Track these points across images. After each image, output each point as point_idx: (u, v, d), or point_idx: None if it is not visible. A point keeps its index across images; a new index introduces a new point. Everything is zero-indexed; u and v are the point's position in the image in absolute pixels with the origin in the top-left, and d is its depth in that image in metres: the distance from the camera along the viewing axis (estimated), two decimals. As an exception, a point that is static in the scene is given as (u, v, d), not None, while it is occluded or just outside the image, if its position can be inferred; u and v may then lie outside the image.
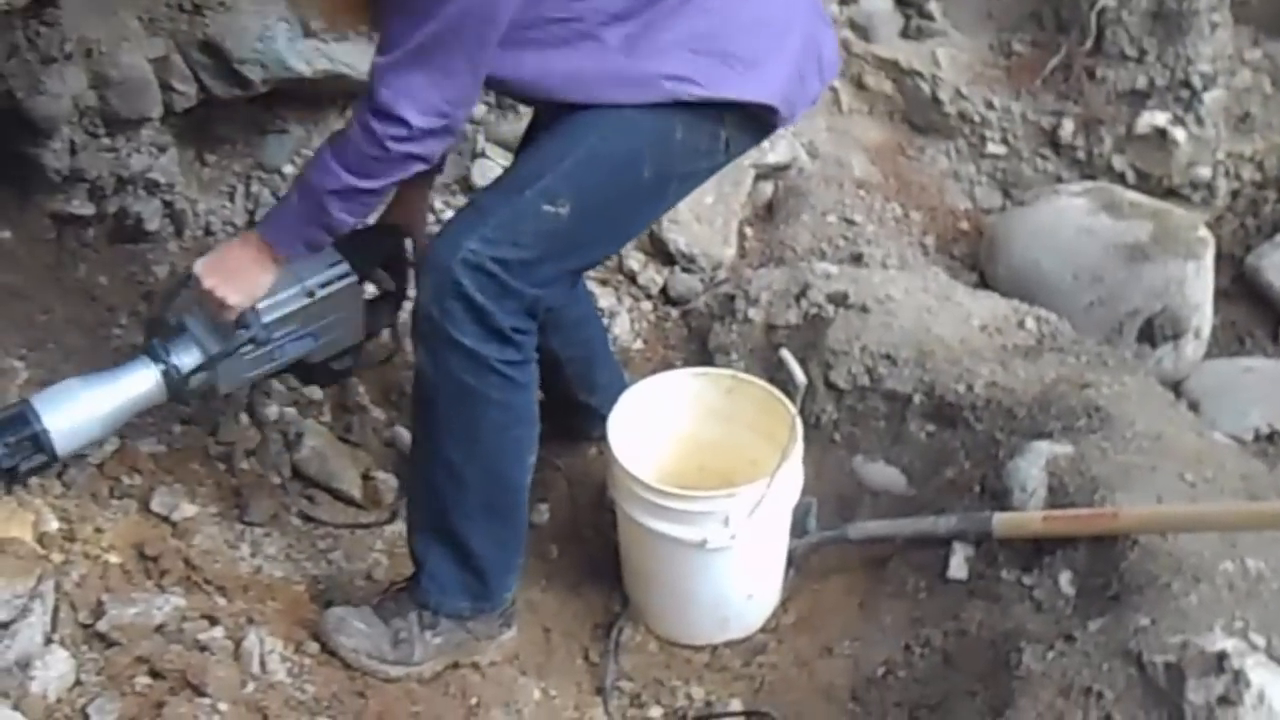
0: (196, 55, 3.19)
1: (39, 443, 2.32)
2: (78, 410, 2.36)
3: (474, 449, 2.44)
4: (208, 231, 3.37)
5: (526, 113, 3.00)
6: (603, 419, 2.89)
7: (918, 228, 4.14)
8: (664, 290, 3.67)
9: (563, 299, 2.54)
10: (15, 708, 1.99)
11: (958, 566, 2.79)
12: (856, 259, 3.82)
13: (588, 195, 2.34)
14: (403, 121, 2.18)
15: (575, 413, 3.08)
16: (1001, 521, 2.74)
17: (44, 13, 2.86)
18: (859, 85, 4.46)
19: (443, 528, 2.50)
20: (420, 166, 2.28)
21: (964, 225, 4.23)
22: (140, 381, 2.44)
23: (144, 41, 3.11)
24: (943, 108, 4.38)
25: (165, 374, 2.44)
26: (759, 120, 2.47)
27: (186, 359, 2.46)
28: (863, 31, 4.49)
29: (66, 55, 2.94)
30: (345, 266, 2.57)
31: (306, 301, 2.52)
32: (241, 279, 2.39)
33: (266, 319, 2.46)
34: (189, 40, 3.17)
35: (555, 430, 3.09)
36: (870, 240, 3.92)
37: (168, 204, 3.32)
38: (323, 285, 2.54)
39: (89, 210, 3.16)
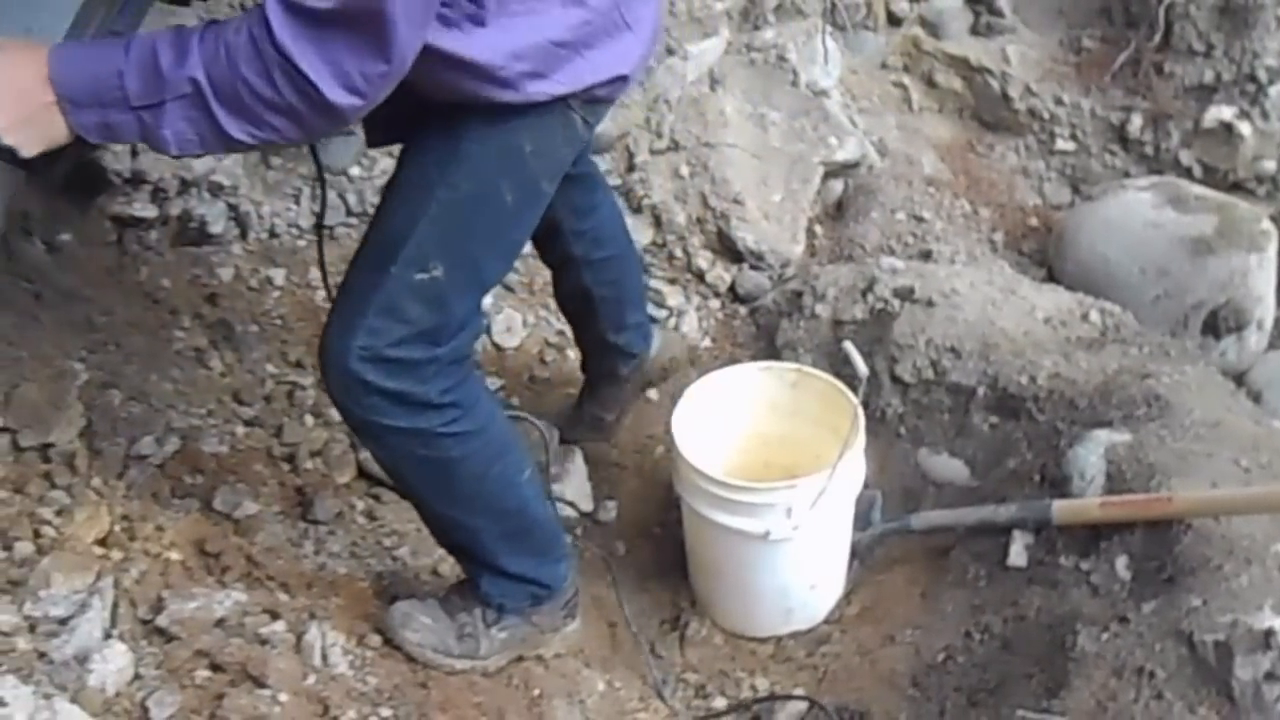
0: None
1: None
2: None
3: (465, 504, 2.38)
4: (272, 234, 3.39)
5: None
6: (631, 357, 2.93)
7: (987, 224, 4.17)
8: (732, 288, 3.71)
9: (479, 333, 2.42)
10: (73, 701, 1.98)
11: (1017, 554, 2.82)
12: (925, 256, 3.85)
13: (457, 248, 2.18)
14: (310, 86, 1.78)
15: (606, 352, 3.08)
16: (1060, 508, 2.77)
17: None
18: (929, 83, 4.52)
19: (475, 559, 2.50)
20: (298, 134, 1.87)
21: (1033, 221, 4.25)
22: None
23: None
24: (1012, 104, 4.42)
25: None
26: (609, 93, 2.26)
27: None
28: (933, 29, 4.55)
29: None
30: None
31: None
32: (30, 121, 1.80)
33: None
34: None
35: (588, 370, 3.19)
36: (939, 237, 3.94)
37: (232, 206, 3.31)
38: None
39: (151, 213, 3.15)
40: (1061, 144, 4.38)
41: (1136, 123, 4.30)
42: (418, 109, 2.11)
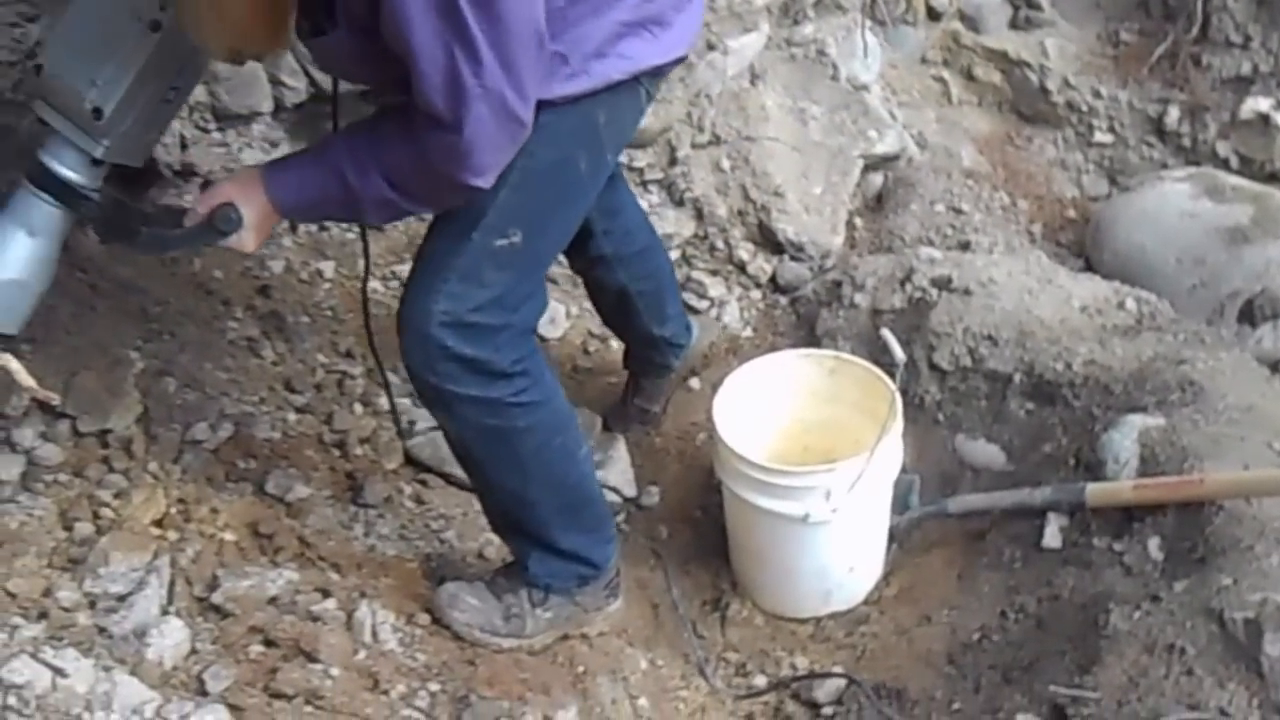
0: (305, 50, 3.24)
1: None
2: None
3: (525, 474, 2.43)
4: (321, 227, 3.45)
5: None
6: (676, 348, 2.95)
7: (1025, 216, 4.17)
8: (773, 279, 3.74)
9: (544, 307, 2.48)
10: (132, 673, 2.03)
11: (1052, 536, 2.84)
12: (964, 247, 3.86)
13: (534, 215, 2.27)
14: (476, 169, 2.07)
15: (650, 345, 3.13)
16: (1094, 491, 2.79)
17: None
18: (968, 76, 4.51)
19: (528, 535, 2.54)
20: (463, 201, 2.18)
21: (1070, 213, 4.25)
22: (33, 212, 2.13)
23: None
24: (1050, 97, 4.41)
25: (59, 194, 2.11)
26: (669, 69, 2.40)
27: (69, 167, 2.12)
28: (971, 23, 4.53)
29: None
30: None
31: (155, 39, 2.06)
32: (265, 226, 2.22)
33: (121, 90, 2.06)
34: (300, 33, 3.20)
35: (633, 366, 3.24)
36: (977, 229, 3.95)
37: (282, 200, 3.39)
38: (164, 5, 2.08)
39: None
40: (1099, 136, 4.37)
41: (1174, 114, 4.28)
42: None
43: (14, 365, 1.60)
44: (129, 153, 2.18)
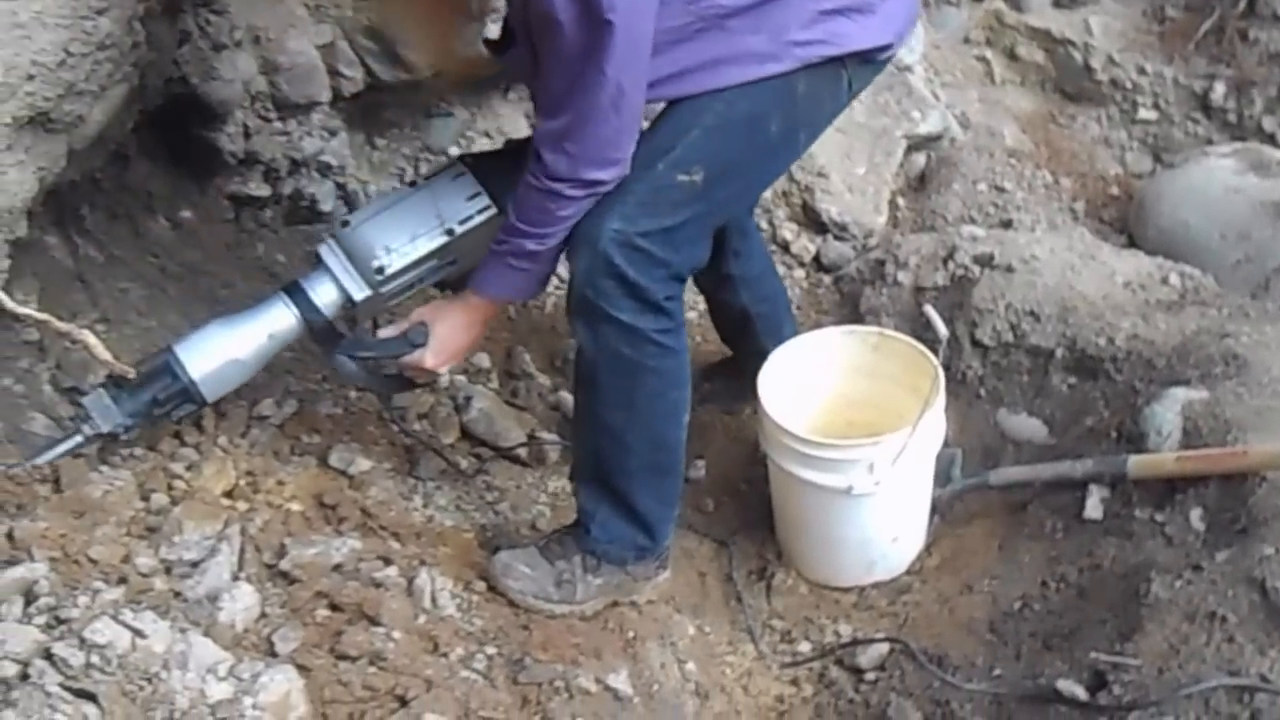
0: (362, 40, 3.28)
1: (188, 395, 2.43)
2: (221, 356, 2.43)
3: (634, 415, 2.52)
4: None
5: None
6: None
7: (1068, 194, 4.19)
8: (817, 258, 3.78)
9: (705, 259, 2.57)
10: (205, 635, 2.09)
11: (1094, 507, 2.88)
12: (1006, 225, 3.89)
13: (719, 160, 2.37)
14: (592, 183, 2.28)
15: (751, 368, 3.12)
16: (1136, 463, 2.83)
17: (213, 1, 2.99)
18: (1011, 56, 4.53)
19: (609, 486, 2.61)
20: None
21: (1114, 190, 4.26)
22: (280, 321, 2.50)
23: (310, 28, 3.22)
24: (1094, 75, 4.42)
25: (304, 317, 2.51)
26: (875, 57, 2.50)
27: (325, 299, 2.53)
28: (1014, 2, 4.56)
29: (236, 42, 3.05)
30: (485, 199, 2.55)
31: (446, 240, 2.53)
32: (459, 354, 2.58)
33: (406, 261, 2.51)
34: (354, 26, 3.27)
35: (731, 395, 3.30)
36: (1020, 207, 4.00)
37: (340, 185, 3.45)
38: (462, 222, 2.54)
39: (265, 191, 3.30)
40: (1144, 113, 4.38)
41: (1220, 90, 4.28)
42: None
43: (91, 340, 1.68)
44: (375, 310, 2.65)
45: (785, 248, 3.77)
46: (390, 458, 2.88)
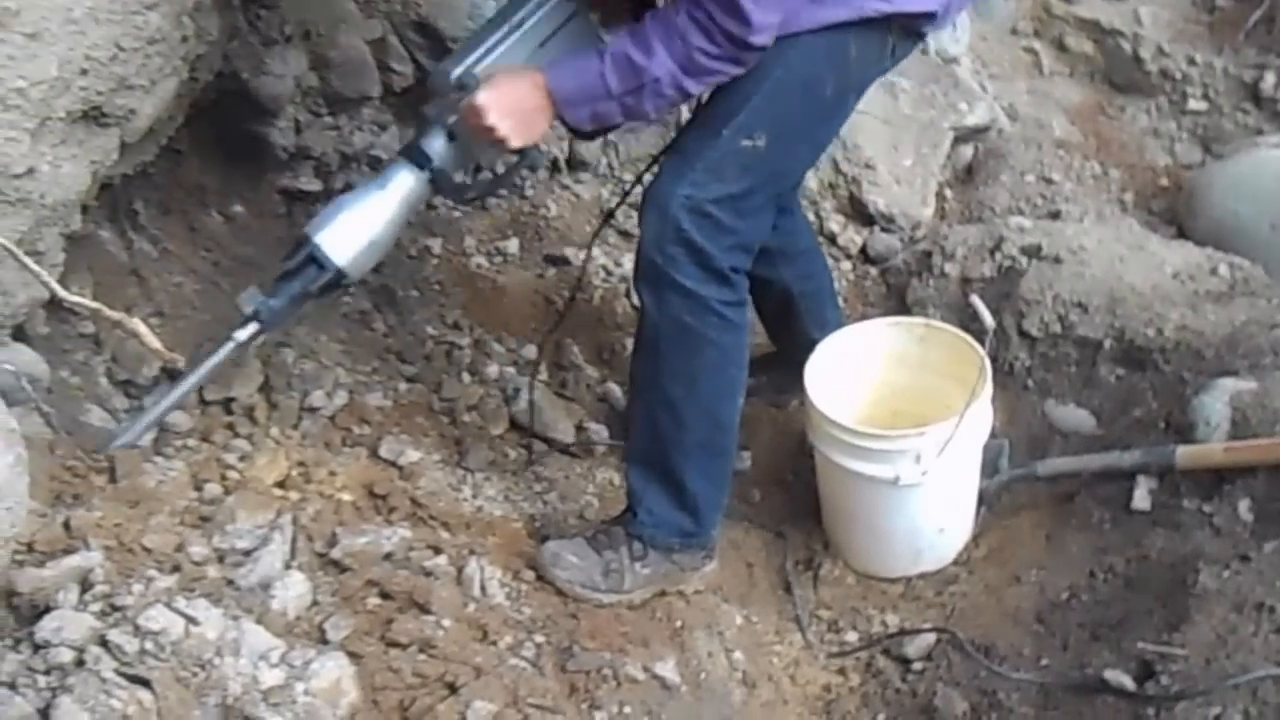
0: (411, 35, 3.30)
1: (336, 280, 2.42)
2: (362, 236, 2.41)
3: (693, 388, 2.53)
4: (429, 205, 3.52)
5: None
6: None
7: (1116, 185, 4.14)
8: (863, 250, 3.76)
9: (768, 232, 2.60)
10: (258, 622, 2.12)
11: (1141, 498, 2.85)
12: (1054, 216, 3.85)
13: (780, 123, 2.41)
14: (747, 21, 2.21)
15: (807, 350, 3.11)
16: (1184, 454, 2.80)
17: (263, -4, 3.02)
18: (1060, 47, 4.50)
19: (662, 464, 2.61)
20: (737, 71, 2.30)
21: (1163, 181, 4.20)
22: (407, 188, 2.45)
23: (360, 23, 3.25)
24: (1144, 66, 4.38)
25: (425, 173, 2.46)
26: (919, 26, 2.52)
27: (440, 151, 2.47)
28: (1064, -7, 4.52)
29: (286, 37, 3.08)
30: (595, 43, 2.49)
31: None
32: (528, 124, 2.37)
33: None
34: (404, 21, 3.30)
35: (779, 386, 3.26)
36: (1068, 198, 3.95)
37: (391, 180, 3.49)
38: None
39: (316, 186, 3.32)
40: (1193, 104, 4.34)
41: (1270, 80, 4.23)
42: None
43: (141, 329, 1.70)
44: (491, 155, 2.56)
45: (832, 239, 3.75)
46: (440, 449, 2.90)
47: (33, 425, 2.26)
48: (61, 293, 1.74)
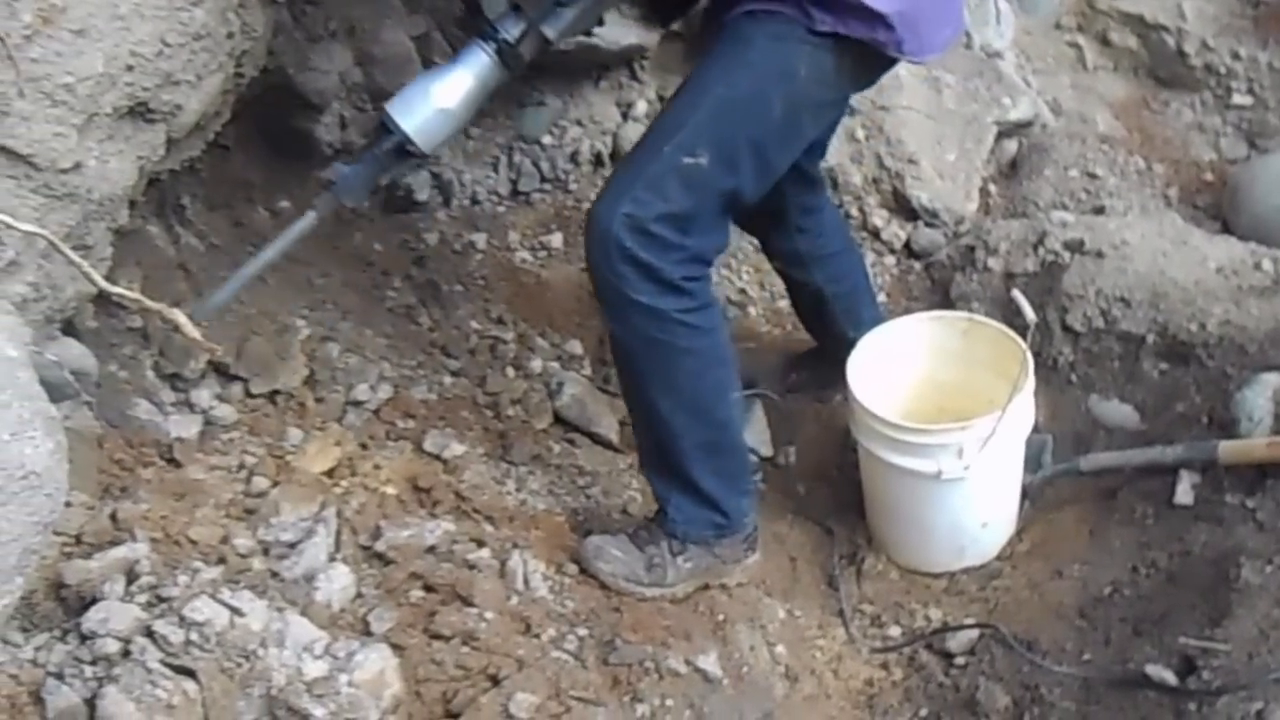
0: (455, 31, 3.30)
1: (405, 148, 2.43)
2: (428, 104, 2.42)
3: (679, 397, 2.50)
4: (473, 201, 3.54)
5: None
6: None
7: (1161, 180, 4.08)
8: (907, 245, 3.74)
9: (726, 243, 2.55)
10: (302, 614, 2.13)
11: (1184, 493, 2.82)
12: (1098, 211, 3.81)
13: (724, 142, 2.36)
14: None
15: (845, 348, 3.09)
16: (1227, 448, 2.77)
17: (308, -8, 3.02)
18: (1103, 41, 4.43)
19: (672, 470, 2.60)
20: None
21: (1208, 176, 4.14)
22: (475, 60, 2.45)
23: (404, 18, 3.25)
24: (1188, 60, 4.31)
25: (497, 49, 2.45)
26: (881, 56, 2.44)
27: (513, 29, 2.45)
28: (1106, -14, 4.46)
29: (331, 33, 3.09)
30: None
31: None
32: None
33: None
34: (447, 17, 3.30)
35: (821, 382, 3.26)
36: (1112, 193, 3.91)
37: (435, 175, 3.48)
38: None
39: None
40: (1238, 98, 4.26)
41: (1316, 75, 4.17)
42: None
43: (181, 319, 1.70)
44: (571, 30, 2.52)
45: (876, 234, 3.73)
46: (483, 442, 2.90)
47: (82, 419, 2.27)
48: (102, 283, 1.74)
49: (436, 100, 2.41)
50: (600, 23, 2.60)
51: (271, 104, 2.97)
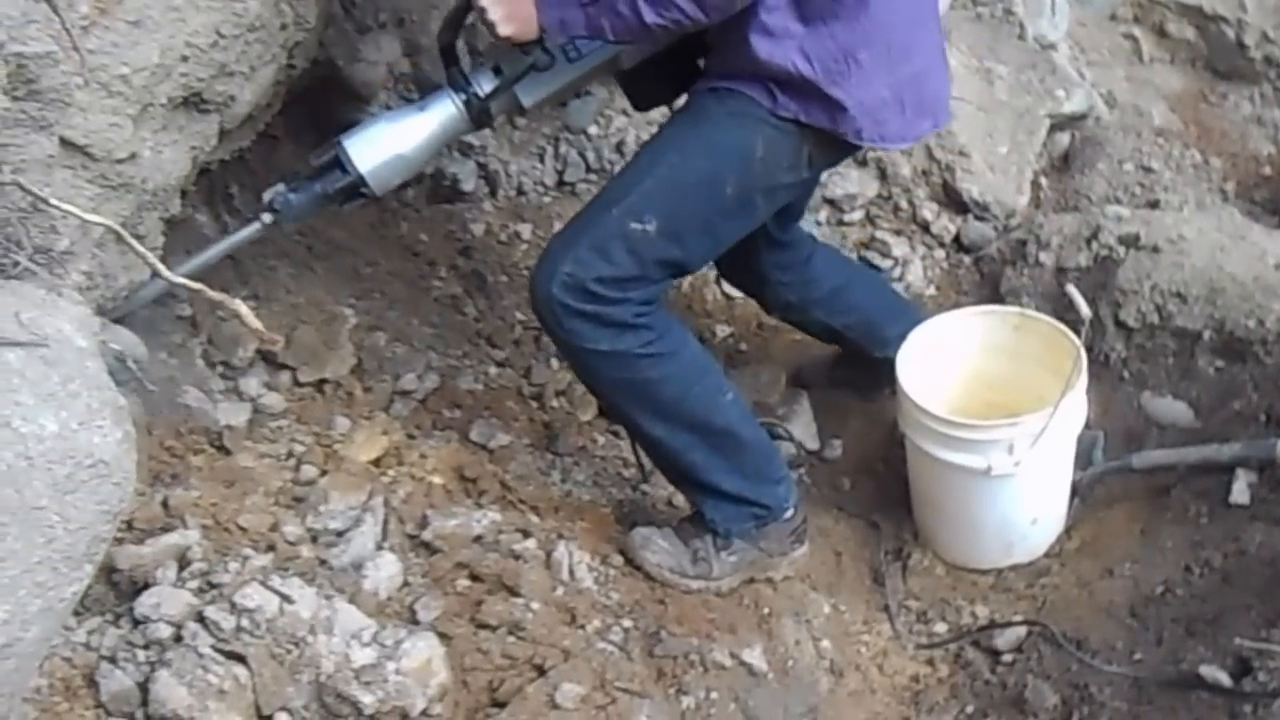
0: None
1: (357, 188, 2.44)
2: (386, 147, 2.44)
3: (671, 422, 2.53)
4: (519, 191, 3.58)
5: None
6: None
7: (1218, 174, 4.06)
8: (957, 238, 3.75)
9: (667, 289, 2.60)
10: (350, 601, 2.18)
11: (1240, 492, 2.81)
12: (1153, 205, 3.80)
13: (673, 213, 2.40)
14: None
15: (875, 367, 3.14)
16: (1285, 447, 2.75)
17: (358, -17, 3.05)
18: (1160, 33, 4.42)
19: (692, 481, 2.64)
20: (695, 14, 2.23)
21: (1266, 170, 4.12)
22: (441, 108, 2.48)
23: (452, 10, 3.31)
24: (1247, 52, 4.29)
25: (466, 101, 2.48)
26: (844, 142, 2.47)
27: (486, 85, 2.49)
28: (1166, -21, 4.45)
29: (380, 24, 3.13)
30: None
31: None
32: (514, 10, 2.34)
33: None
34: None
35: (862, 385, 3.28)
36: (1168, 187, 3.90)
37: (482, 165, 3.52)
38: None
39: None
40: (1299, 91, 4.26)
41: (1379, 67, 4.15)
42: (683, 83, 2.54)
43: (243, 309, 1.74)
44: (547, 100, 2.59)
45: (925, 228, 3.74)
46: (529, 433, 2.94)
47: (132, 406, 2.31)
48: (166, 274, 1.79)
49: (396, 145, 2.44)
50: (578, 95, 2.59)
51: (320, 94, 3.02)
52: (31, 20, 1.69)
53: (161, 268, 1.76)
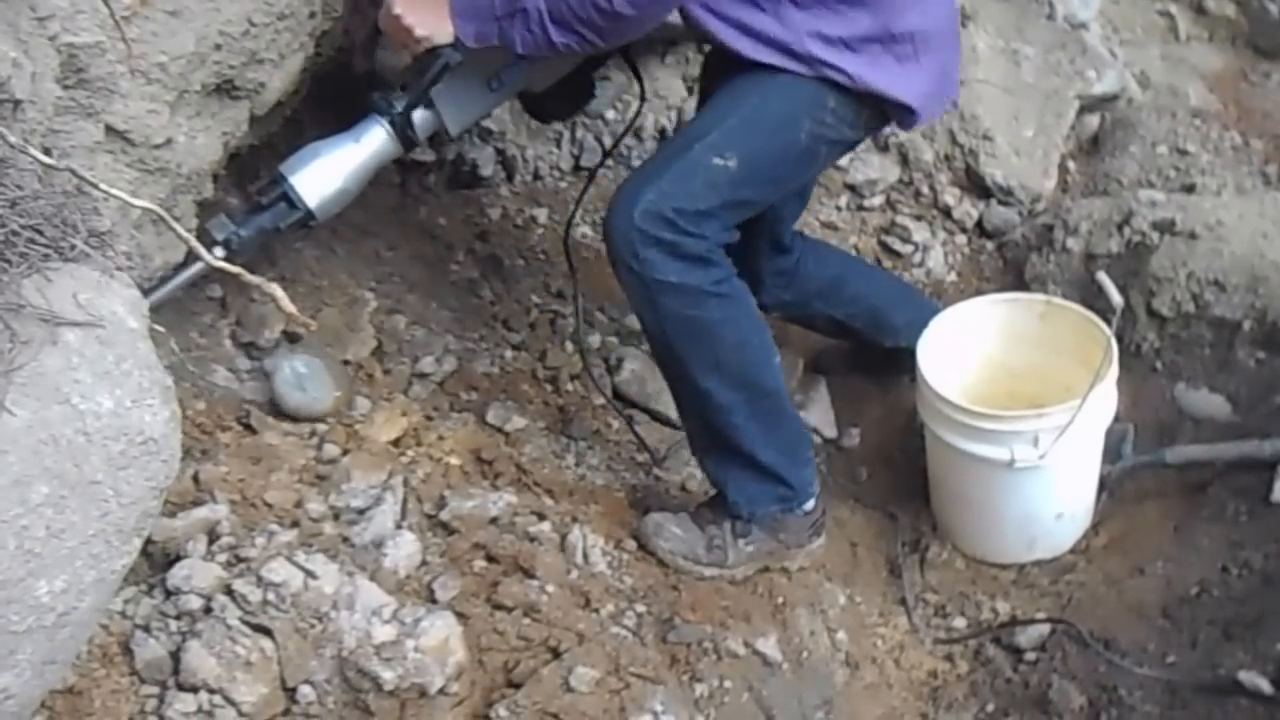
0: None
1: (305, 221, 2.59)
2: (330, 180, 2.59)
3: (722, 372, 2.68)
4: (536, 176, 3.78)
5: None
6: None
7: (1259, 157, 4.10)
8: (979, 223, 3.88)
9: (732, 243, 2.73)
10: (371, 579, 2.34)
11: (1282, 490, 2.87)
12: (1189, 190, 3.86)
13: (751, 150, 2.62)
14: (606, 5, 2.40)
15: (887, 356, 3.34)
16: (1330, 444, 2.82)
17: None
18: (1198, 10, 4.50)
19: (726, 448, 2.77)
20: (595, 39, 2.47)
21: (1310, 153, 4.16)
22: (373, 136, 2.65)
23: None
24: (1291, 29, 4.32)
25: (391, 123, 2.65)
26: (895, 113, 2.75)
27: (422, 123, 2.70)
28: (1203, -49, 4.49)
29: None
30: None
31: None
32: (430, 15, 2.55)
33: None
34: None
35: (878, 373, 3.46)
36: (1204, 170, 3.96)
37: (500, 151, 3.72)
38: None
39: (429, 157, 3.60)
40: (1346, 70, 4.27)
41: None
42: (577, 100, 2.91)
43: (278, 293, 1.92)
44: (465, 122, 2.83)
45: (947, 212, 3.87)
46: (544, 417, 3.12)
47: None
48: (208, 257, 1.99)
49: (337, 178, 2.61)
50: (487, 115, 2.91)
51: (345, 80, 3.18)
52: (80, 11, 1.89)
53: (202, 250, 1.97)
